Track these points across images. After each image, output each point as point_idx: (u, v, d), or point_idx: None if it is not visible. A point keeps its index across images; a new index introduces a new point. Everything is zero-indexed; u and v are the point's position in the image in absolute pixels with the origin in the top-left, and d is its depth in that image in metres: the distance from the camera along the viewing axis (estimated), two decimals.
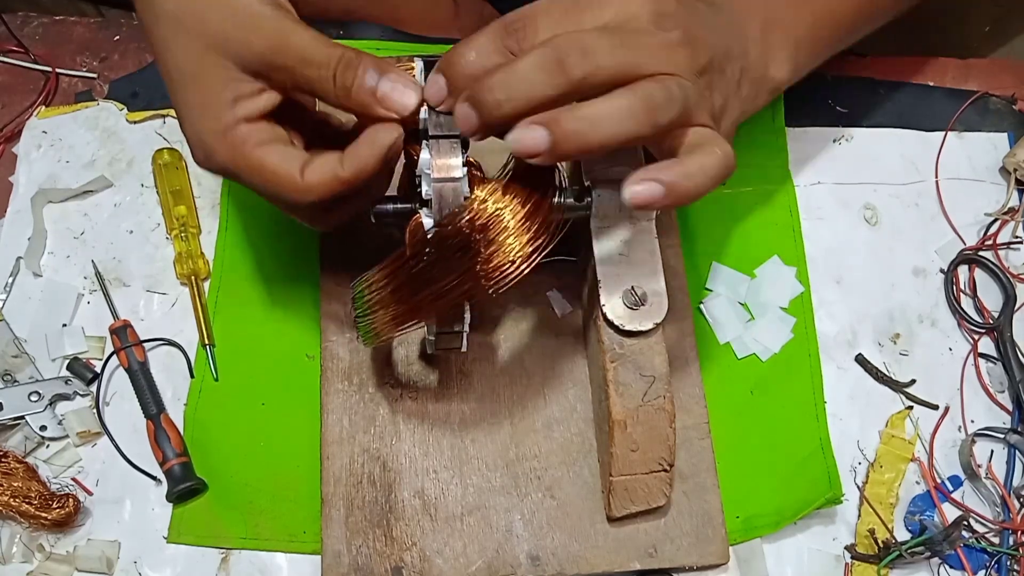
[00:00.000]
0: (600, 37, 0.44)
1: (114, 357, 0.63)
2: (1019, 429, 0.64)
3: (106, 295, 0.65)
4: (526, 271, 0.49)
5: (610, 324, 0.54)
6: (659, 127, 0.45)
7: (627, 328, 0.54)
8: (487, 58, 0.46)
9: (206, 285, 0.66)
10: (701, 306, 0.66)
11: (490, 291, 0.49)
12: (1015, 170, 0.71)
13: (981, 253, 0.69)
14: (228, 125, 0.48)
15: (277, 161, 0.48)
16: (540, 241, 0.49)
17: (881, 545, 0.60)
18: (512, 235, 0.48)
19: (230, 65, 0.47)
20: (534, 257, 0.49)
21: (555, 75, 0.44)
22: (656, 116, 0.44)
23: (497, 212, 0.48)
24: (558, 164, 0.51)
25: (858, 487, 0.63)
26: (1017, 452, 0.64)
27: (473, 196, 0.49)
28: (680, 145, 0.47)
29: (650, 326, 0.54)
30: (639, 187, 0.45)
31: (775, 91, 0.55)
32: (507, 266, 0.48)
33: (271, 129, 0.49)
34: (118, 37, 0.74)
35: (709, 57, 0.47)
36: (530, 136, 0.44)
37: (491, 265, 0.48)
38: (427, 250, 0.49)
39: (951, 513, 0.62)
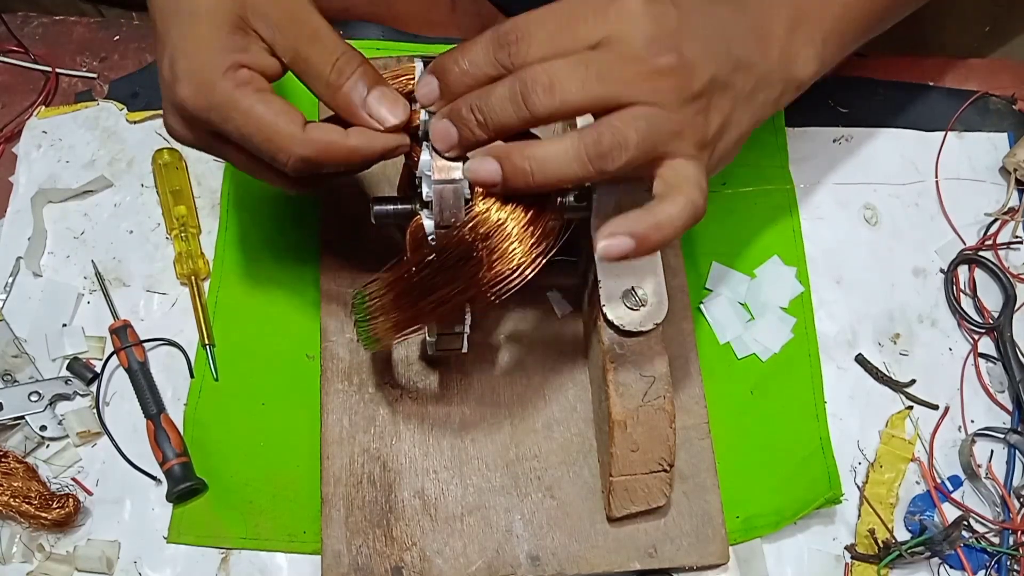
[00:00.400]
0: (575, 69, 0.44)
1: (114, 357, 0.63)
2: (1019, 429, 0.64)
3: (106, 295, 0.65)
4: (529, 276, 0.49)
5: (610, 325, 0.54)
6: (606, 172, 0.45)
7: (627, 328, 0.54)
8: (478, 69, 0.46)
9: (206, 285, 0.65)
10: (701, 306, 0.66)
11: (492, 298, 0.49)
12: (1015, 170, 0.71)
13: (981, 253, 0.69)
14: (234, 64, 0.47)
15: (279, 109, 0.48)
16: (543, 246, 0.49)
17: (881, 545, 0.60)
18: (515, 241, 0.48)
19: (245, 16, 0.48)
20: (537, 262, 0.49)
21: (521, 108, 0.45)
22: (603, 163, 0.45)
23: (499, 220, 0.48)
24: None
25: (858, 487, 0.63)
26: (1017, 452, 0.64)
27: (475, 207, 0.48)
28: (653, 177, 0.47)
29: (650, 326, 0.54)
30: (611, 241, 0.45)
31: (801, 88, 0.54)
32: (510, 272, 0.48)
33: (271, 87, 0.49)
34: (118, 37, 0.74)
35: (708, 78, 0.46)
36: (485, 168, 0.46)
37: (494, 272, 0.48)
38: (429, 259, 0.49)
39: (951, 513, 0.62)
